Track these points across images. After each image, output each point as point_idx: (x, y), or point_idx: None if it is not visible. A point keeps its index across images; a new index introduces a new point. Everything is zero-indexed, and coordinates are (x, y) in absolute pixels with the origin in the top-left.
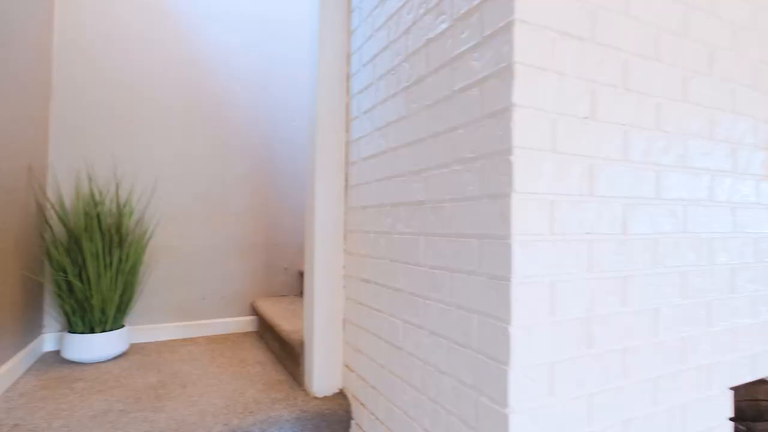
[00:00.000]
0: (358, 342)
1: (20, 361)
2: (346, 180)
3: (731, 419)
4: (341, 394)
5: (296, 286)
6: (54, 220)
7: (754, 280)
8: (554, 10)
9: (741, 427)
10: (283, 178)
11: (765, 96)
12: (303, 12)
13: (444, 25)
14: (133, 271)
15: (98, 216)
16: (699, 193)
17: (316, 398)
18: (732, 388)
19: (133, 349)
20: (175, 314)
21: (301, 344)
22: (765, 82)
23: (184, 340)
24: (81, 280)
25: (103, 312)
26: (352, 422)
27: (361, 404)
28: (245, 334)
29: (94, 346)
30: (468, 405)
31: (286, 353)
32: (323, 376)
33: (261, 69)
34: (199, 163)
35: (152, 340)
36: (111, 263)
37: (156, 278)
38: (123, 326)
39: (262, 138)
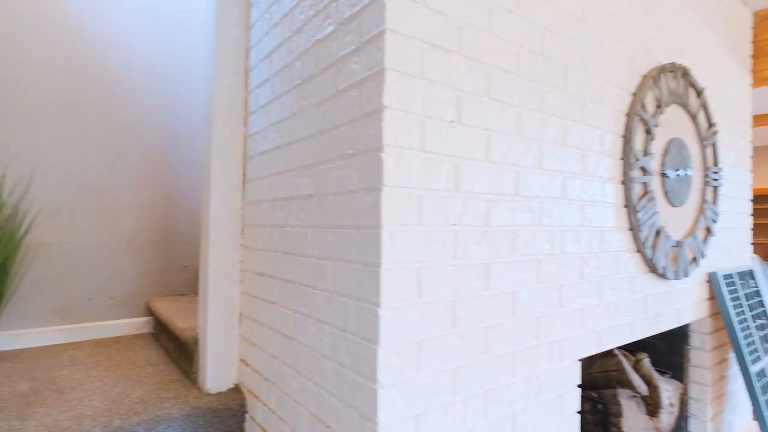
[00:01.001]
0: (254, 336)
1: None
2: (244, 174)
3: (579, 386)
4: (236, 389)
5: (197, 284)
6: None
7: (600, 267)
8: (423, 24)
9: (593, 394)
10: (185, 172)
11: (610, 111)
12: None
13: (330, 28)
14: (3, 271)
15: None
16: (553, 191)
17: (209, 395)
18: (580, 360)
19: (3, 357)
20: (56, 317)
21: (196, 341)
22: (610, 99)
23: (67, 344)
24: None
25: None
26: (247, 416)
27: (256, 397)
28: (139, 335)
29: None
30: (346, 385)
31: (180, 352)
32: (217, 371)
33: (162, 59)
34: (87, 153)
35: (28, 346)
36: None
37: (33, 278)
38: None
39: (161, 129)
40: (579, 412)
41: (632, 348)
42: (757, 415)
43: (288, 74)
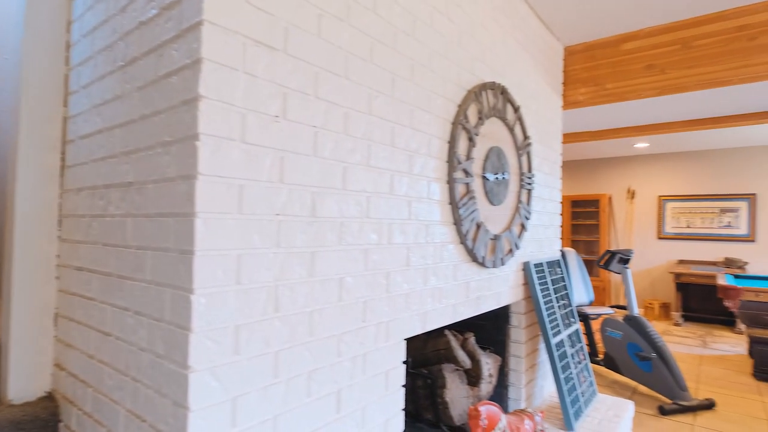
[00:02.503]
0: (71, 337)
1: None
2: (63, 160)
3: (405, 362)
4: (49, 397)
5: None
6: None
7: (426, 257)
8: (246, 19)
9: (424, 371)
10: None
11: (437, 119)
12: None
13: (153, 11)
14: None
15: None
16: (381, 187)
17: (12, 405)
18: (407, 339)
19: None
20: None
21: None
22: (437, 109)
23: None
24: None
25: None
26: (60, 424)
27: (71, 402)
28: None
29: None
30: (161, 375)
31: None
32: (23, 379)
33: None
34: None
35: None
36: None
37: None
38: None
39: None
40: (404, 386)
41: (462, 328)
42: (555, 377)
43: (111, 54)
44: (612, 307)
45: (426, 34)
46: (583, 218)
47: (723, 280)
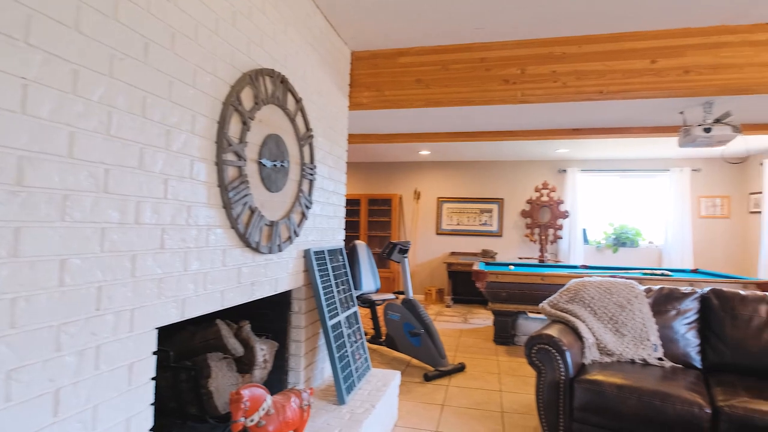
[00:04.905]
0: None
1: None
2: None
3: (156, 353)
4: None
5: None
6: None
7: (186, 240)
8: None
9: (187, 363)
10: None
11: (205, 96)
12: None
13: None
14: None
15: None
16: (128, 161)
17: None
18: (167, 331)
19: None
20: None
21: None
22: (205, 86)
23: None
24: None
25: None
26: None
27: None
28: None
29: None
30: None
31: None
32: None
33: None
34: None
35: None
36: None
37: None
38: None
39: None
40: (155, 379)
41: (243, 317)
42: (330, 356)
43: None
44: (395, 293)
45: (192, 5)
46: (378, 216)
47: (477, 266)
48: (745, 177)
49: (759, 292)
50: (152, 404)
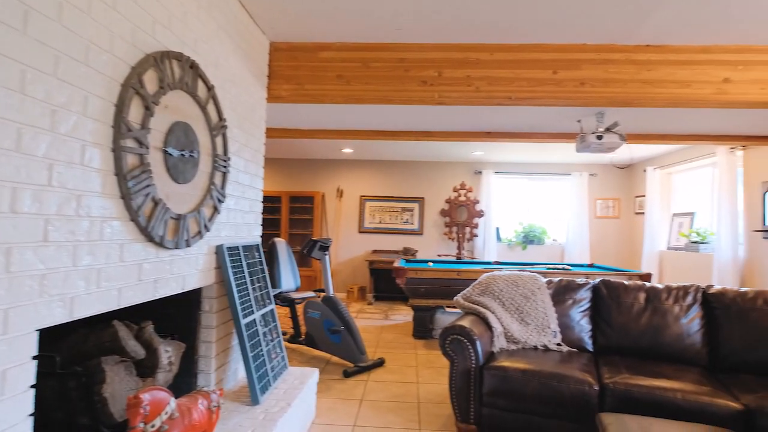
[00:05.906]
0: None
1: None
2: None
3: (35, 357)
4: None
5: None
6: None
7: (75, 232)
8: None
9: (78, 368)
10: None
11: (99, 76)
12: None
13: None
14: None
15: None
16: (1, 141)
17: None
18: (53, 334)
19: None
20: None
21: None
22: (99, 64)
23: None
24: None
25: None
26: None
27: None
28: None
29: None
30: None
31: None
32: None
33: None
34: None
35: None
36: None
37: None
38: None
39: None
40: (34, 386)
41: (147, 318)
42: (243, 356)
43: None
44: (315, 291)
45: None
46: (300, 213)
47: (397, 263)
48: (631, 182)
49: (639, 282)
50: (31, 415)
